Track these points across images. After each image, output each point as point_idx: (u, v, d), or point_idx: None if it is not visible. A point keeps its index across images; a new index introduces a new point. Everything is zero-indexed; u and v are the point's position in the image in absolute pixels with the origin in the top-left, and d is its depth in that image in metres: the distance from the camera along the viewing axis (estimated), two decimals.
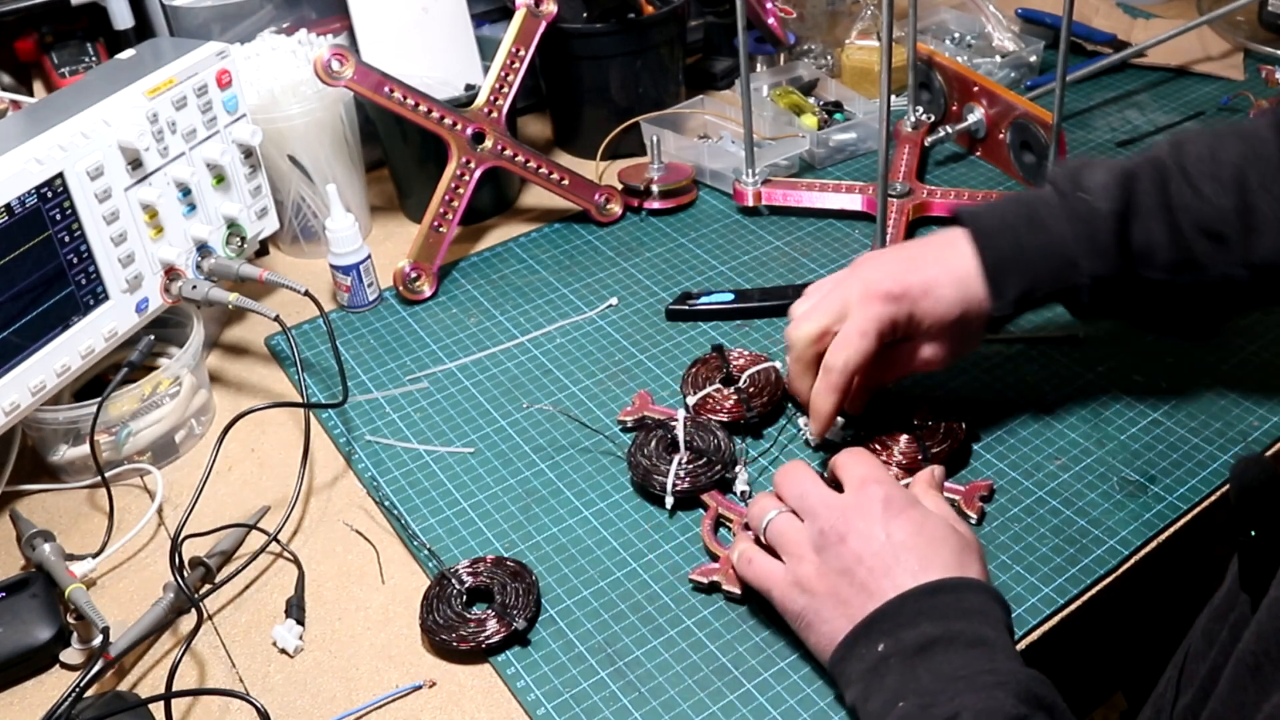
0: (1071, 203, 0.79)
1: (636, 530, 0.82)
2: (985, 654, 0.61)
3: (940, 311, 0.79)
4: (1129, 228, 0.78)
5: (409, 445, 0.91)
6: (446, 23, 1.21)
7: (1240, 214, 0.76)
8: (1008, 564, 0.77)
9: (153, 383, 0.91)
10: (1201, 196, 0.77)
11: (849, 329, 0.78)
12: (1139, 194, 0.78)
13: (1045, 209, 0.79)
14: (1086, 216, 0.78)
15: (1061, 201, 0.79)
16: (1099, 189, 0.78)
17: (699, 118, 1.28)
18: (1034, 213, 0.80)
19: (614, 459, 0.88)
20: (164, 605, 0.77)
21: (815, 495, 0.71)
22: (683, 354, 0.98)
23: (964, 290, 0.79)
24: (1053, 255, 0.79)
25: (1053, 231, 0.79)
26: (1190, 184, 0.77)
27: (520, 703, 0.71)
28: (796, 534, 0.70)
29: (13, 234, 0.80)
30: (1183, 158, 0.79)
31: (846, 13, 1.40)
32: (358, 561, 0.82)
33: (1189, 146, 0.79)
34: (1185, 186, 0.77)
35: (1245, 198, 0.76)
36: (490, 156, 1.11)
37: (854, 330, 0.78)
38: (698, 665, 0.72)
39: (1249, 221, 0.76)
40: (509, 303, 1.07)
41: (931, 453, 0.82)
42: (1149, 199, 0.78)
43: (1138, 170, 0.79)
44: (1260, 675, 0.48)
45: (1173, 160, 0.79)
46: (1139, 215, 0.78)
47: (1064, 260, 0.79)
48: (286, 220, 1.14)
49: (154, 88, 0.91)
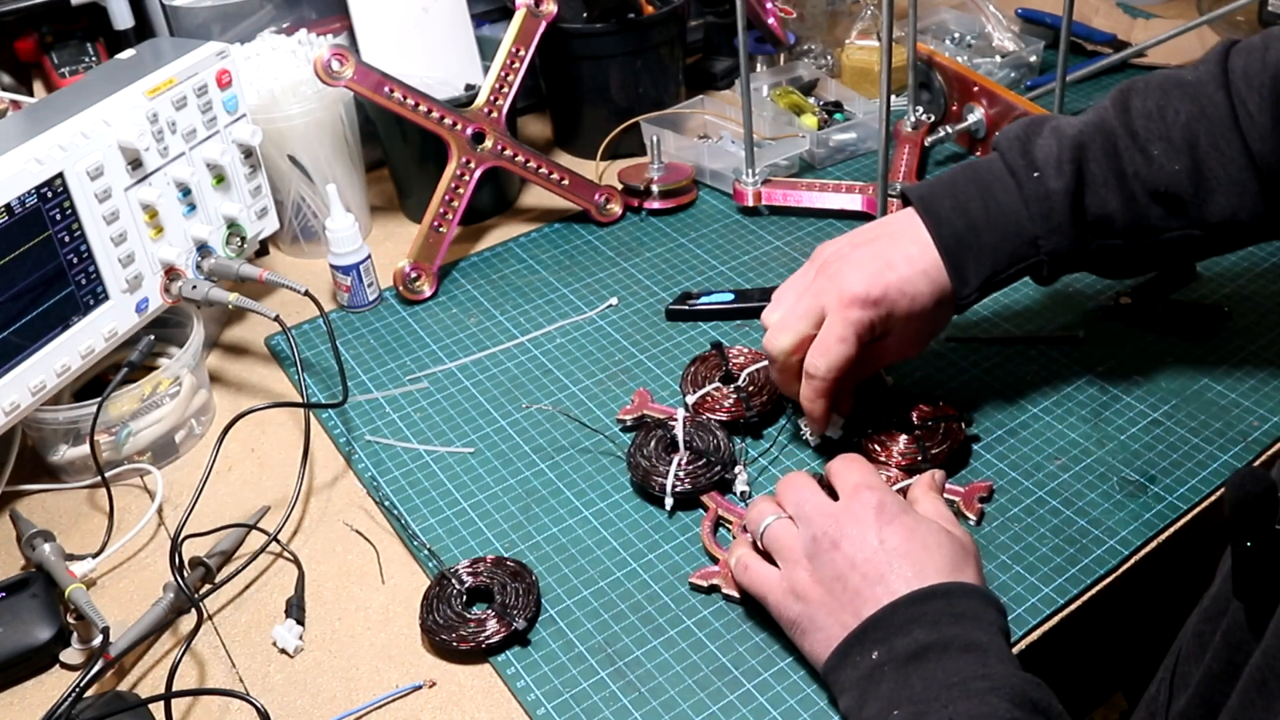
0: (1022, 181, 0.78)
1: (636, 530, 0.82)
2: (979, 659, 0.61)
3: (916, 309, 0.79)
4: (1083, 201, 0.78)
5: (409, 445, 0.91)
6: (446, 23, 1.21)
7: (1192, 176, 0.76)
8: (1007, 564, 0.76)
9: (153, 383, 0.91)
10: (1152, 161, 0.77)
11: (828, 336, 0.78)
12: (1090, 164, 0.77)
13: (999, 188, 0.79)
14: (1041, 195, 0.77)
15: (1014, 180, 0.79)
16: (1050, 165, 0.77)
17: (699, 118, 1.28)
18: (988, 193, 0.79)
19: (614, 459, 0.88)
20: (164, 605, 0.77)
21: (811, 502, 0.71)
22: (682, 354, 0.98)
23: (933, 283, 0.78)
24: (1011, 238, 0.78)
25: (1009, 214, 0.78)
26: (1140, 148, 0.77)
27: (520, 703, 0.71)
28: (791, 540, 0.70)
29: (13, 234, 0.80)
30: (1130, 119, 0.78)
31: (846, 13, 1.40)
32: (358, 561, 0.82)
33: (1135, 102, 0.78)
34: (1136, 151, 0.77)
35: (1197, 159, 0.76)
36: (490, 156, 1.11)
37: (833, 337, 0.78)
38: (698, 665, 0.72)
39: (1202, 183, 0.76)
40: (509, 303, 1.07)
41: (931, 453, 0.82)
42: (1100, 168, 0.77)
43: (1087, 139, 0.78)
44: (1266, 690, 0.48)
45: (1121, 123, 0.78)
46: (1092, 187, 0.77)
47: (1022, 241, 0.79)
48: (286, 220, 1.14)
49: (154, 88, 0.91)
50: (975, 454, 0.85)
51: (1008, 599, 0.74)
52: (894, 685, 0.61)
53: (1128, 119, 0.78)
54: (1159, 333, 0.95)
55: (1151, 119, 0.77)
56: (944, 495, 0.78)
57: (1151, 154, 0.77)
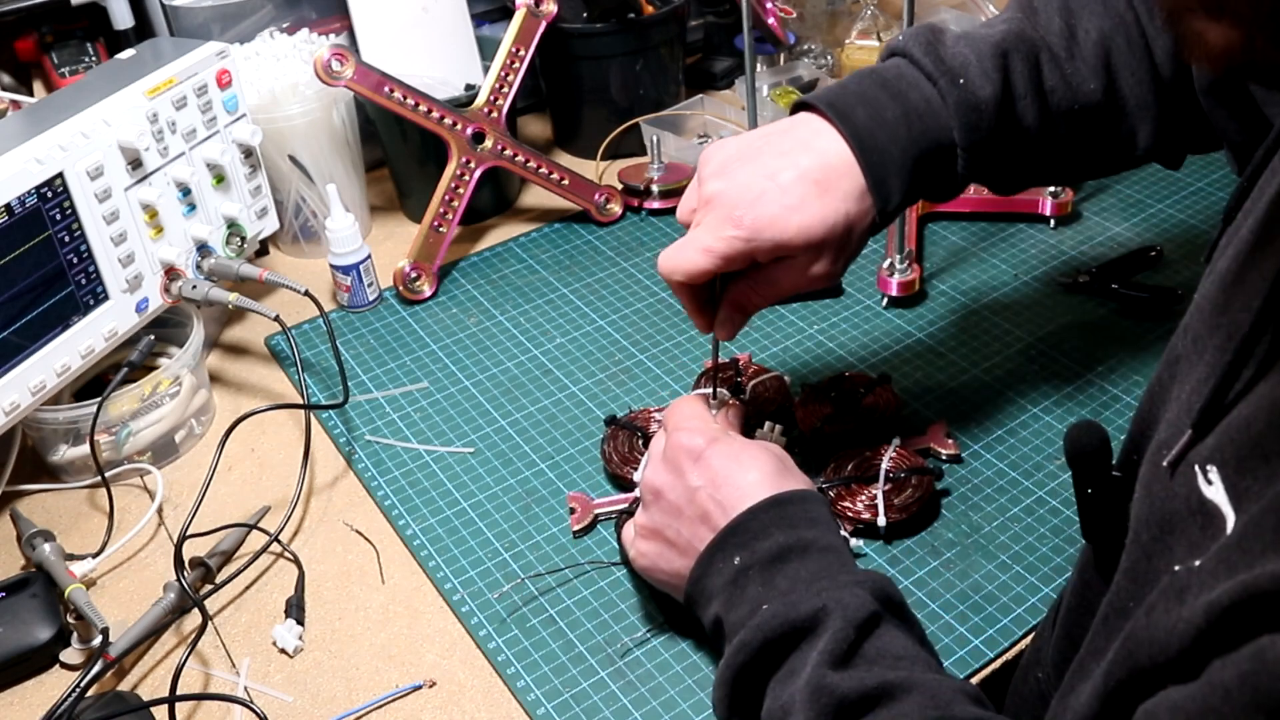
0: (944, 89, 0.70)
1: None
2: (837, 558, 0.65)
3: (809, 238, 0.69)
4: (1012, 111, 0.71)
5: (409, 445, 0.91)
6: (446, 23, 1.21)
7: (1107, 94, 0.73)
8: (1007, 564, 0.77)
9: (153, 383, 0.91)
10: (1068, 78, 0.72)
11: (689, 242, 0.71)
12: (1014, 75, 0.71)
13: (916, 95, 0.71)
14: (970, 104, 0.70)
15: (934, 87, 0.71)
16: (974, 72, 0.70)
17: (699, 118, 1.28)
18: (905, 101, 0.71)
19: None
20: (164, 605, 0.77)
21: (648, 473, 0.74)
22: (682, 354, 0.98)
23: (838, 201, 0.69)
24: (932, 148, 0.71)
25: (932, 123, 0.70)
26: (1058, 64, 0.72)
27: (520, 703, 0.71)
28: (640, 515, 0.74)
29: (13, 234, 0.80)
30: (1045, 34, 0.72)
31: (846, 13, 1.40)
32: (358, 561, 0.82)
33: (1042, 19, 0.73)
34: (1054, 67, 0.72)
35: (1111, 77, 0.73)
36: (490, 156, 1.11)
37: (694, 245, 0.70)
38: (698, 665, 0.72)
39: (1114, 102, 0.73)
40: (509, 303, 1.07)
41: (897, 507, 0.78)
42: (1023, 80, 0.71)
43: (1010, 48, 0.71)
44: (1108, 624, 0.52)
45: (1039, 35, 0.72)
46: (1015, 98, 0.71)
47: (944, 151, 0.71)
48: (286, 220, 1.14)
49: (154, 88, 0.91)
50: (975, 454, 0.85)
51: (1007, 599, 0.74)
52: (761, 587, 0.64)
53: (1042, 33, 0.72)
54: (1153, 321, 0.95)
55: (1064, 36, 0.73)
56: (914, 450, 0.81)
57: (1067, 71, 0.72)
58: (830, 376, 0.91)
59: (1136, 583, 0.49)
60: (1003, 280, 1.04)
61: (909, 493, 0.79)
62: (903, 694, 0.56)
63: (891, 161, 0.70)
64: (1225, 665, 0.38)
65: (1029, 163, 0.75)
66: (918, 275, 1.01)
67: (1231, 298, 0.50)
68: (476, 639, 0.75)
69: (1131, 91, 0.73)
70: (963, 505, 0.81)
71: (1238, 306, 0.49)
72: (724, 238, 0.69)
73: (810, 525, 0.66)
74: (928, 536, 0.79)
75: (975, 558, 0.77)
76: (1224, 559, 0.41)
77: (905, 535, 0.79)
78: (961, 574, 0.76)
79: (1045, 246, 1.07)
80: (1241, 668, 0.37)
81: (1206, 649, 0.40)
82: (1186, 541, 0.45)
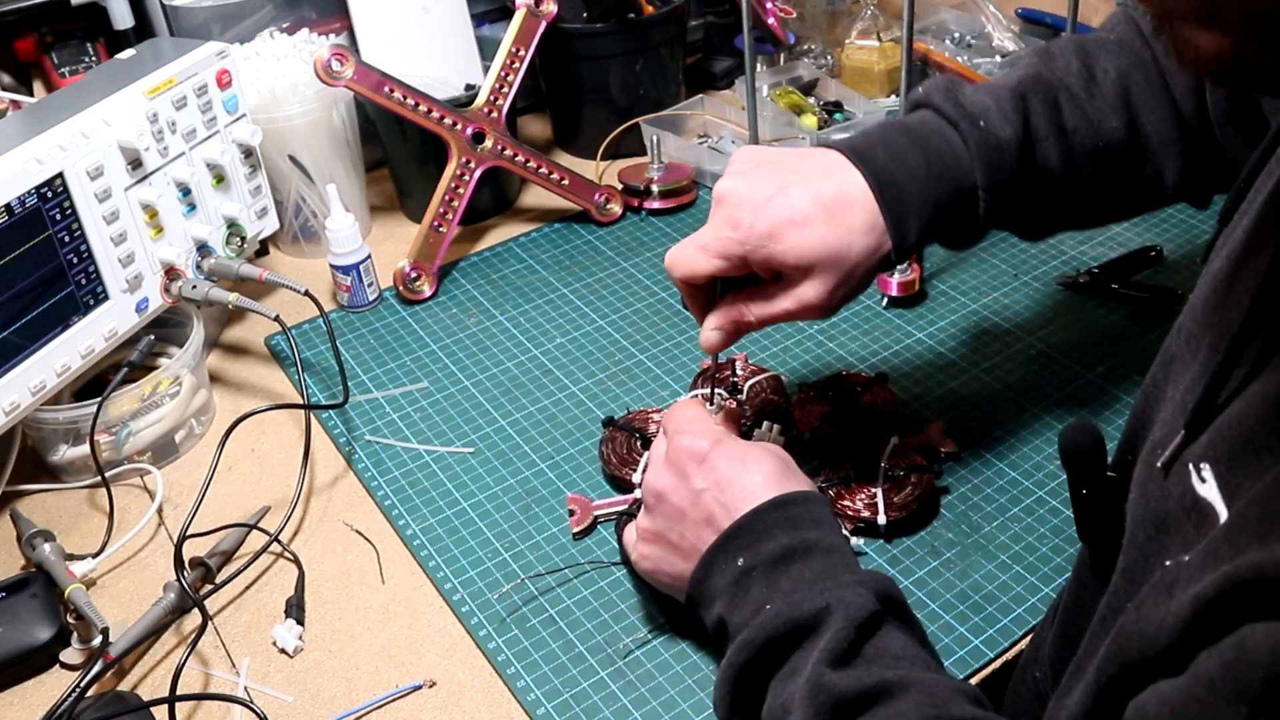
0: (965, 132, 0.71)
1: None
2: (840, 559, 0.65)
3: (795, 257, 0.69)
4: (1032, 153, 0.72)
5: (409, 445, 0.91)
6: (446, 23, 1.21)
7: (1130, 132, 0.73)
8: (1008, 564, 0.77)
9: (153, 383, 0.91)
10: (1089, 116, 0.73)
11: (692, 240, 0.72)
12: (1033, 116, 0.72)
13: (938, 139, 0.71)
14: (991, 145, 0.71)
15: (956, 131, 0.71)
16: (994, 115, 0.71)
17: (699, 118, 1.28)
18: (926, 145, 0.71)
19: None
20: (164, 605, 0.77)
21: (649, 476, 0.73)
22: (682, 354, 0.98)
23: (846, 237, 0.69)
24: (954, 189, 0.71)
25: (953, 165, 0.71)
26: (1078, 104, 0.73)
27: (520, 703, 0.71)
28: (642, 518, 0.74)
29: (13, 234, 0.80)
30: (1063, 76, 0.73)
31: (846, 13, 1.40)
32: (358, 561, 0.82)
33: (1059, 62, 0.74)
34: (1074, 107, 0.73)
35: (1132, 115, 0.73)
36: (490, 156, 1.11)
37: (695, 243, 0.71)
38: (698, 665, 0.72)
39: (1137, 140, 0.73)
40: (509, 303, 1.07)
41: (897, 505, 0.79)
42: (1043, 121, 0.72)
43: (1027, 90, 0.72)
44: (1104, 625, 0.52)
45: (1056, 78, 0.73)
46: (1037, 139, 0.72)
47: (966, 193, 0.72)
48: (286, 220, 1.14)
49: (154, 88, 0.91)
50: (975, 453, 0.85)
51: (1007, 598, 0.74)
52: (764, 588, 0.64)
53: (1060, 75, 0.73)
54: (1153, 321, 0.95)
55: (1082, 76, 0.74)
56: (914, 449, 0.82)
57: (1088, 110, 0.73)
58: (828, 376, 0.91)
59: (1134, 583, 0.49)
60: (1003, 280, 1.04)
61: (908, 491, 0.79)
62: (900, 693, 0.56)
63: (910, 200, 0.70)
64: (1210, 656, 0.38)
65: (1054, 205, 0.75)
66: (918, 275, 1.01)
67: (1224, 298, 0.50)
68: (476, 639, 0.75)
69: (1154, 128, 0.73)
70: (962, 505, 0.81)
71: (1230, 306, 0.49)
72: (720, 238, 0.71)
73: (813, 526, 0.66)
74: (928, 536, 0.79)
75: (975, 557, 0.77)
76: (1211, 552, 0.41)
77: (905, 534, 0.79)
78: (961, 574, 0.76)
79: (1045, 246, 1.07)
80: (1225, 657, 0.38)
81: (1193, 641, 0.40)
82: (1181, 540, 0.45)
